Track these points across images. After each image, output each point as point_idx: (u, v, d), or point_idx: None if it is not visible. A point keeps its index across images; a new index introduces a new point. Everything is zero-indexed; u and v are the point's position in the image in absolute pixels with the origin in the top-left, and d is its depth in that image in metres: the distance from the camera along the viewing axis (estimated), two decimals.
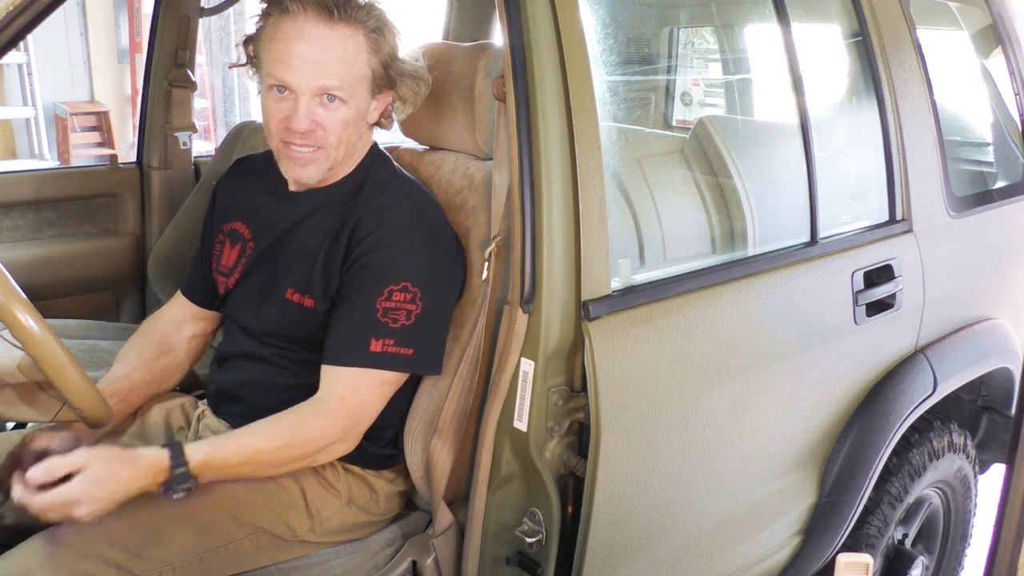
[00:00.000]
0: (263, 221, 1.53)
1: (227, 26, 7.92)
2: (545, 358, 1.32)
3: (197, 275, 1.63)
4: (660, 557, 1.57)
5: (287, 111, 1.35)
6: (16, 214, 2.42)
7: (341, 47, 1.34)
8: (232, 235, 1.57)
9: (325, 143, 1.38)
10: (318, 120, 1.36)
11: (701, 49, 2.93)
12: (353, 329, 1.38)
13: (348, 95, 1.37)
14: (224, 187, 1.62)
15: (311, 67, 1.33)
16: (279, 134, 1.38)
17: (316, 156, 1.39)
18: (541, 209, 1.28)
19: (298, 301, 1.45)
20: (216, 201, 1.62)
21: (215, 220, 1.61)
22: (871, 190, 1.95)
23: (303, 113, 1.34)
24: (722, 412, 1.56)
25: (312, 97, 1.35)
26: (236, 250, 1.55)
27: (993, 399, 2.33)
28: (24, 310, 1.32)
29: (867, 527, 1.99)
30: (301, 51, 1.33)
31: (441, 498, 1.44)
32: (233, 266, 1.55)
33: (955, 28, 2.39)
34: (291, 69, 1.33)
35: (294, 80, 1.33)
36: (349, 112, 1.38)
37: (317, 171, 1.41)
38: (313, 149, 1.38)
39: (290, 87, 1.34)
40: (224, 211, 1.59)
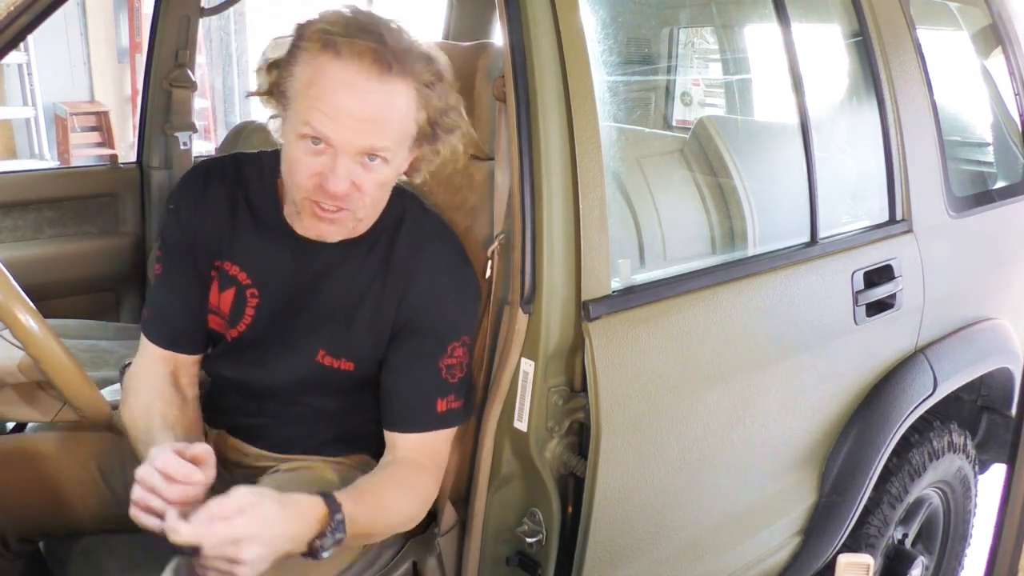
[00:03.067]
0: (269, 271, 1.34)
1: (227, 26, 7.93)
2: (545, 358, 1.32)
3: (183, 318, 1.36)
4: (660, 557, 1.57)
5: (321, 167, 1.17)
6: (16, 214, 2.42)
7: (392, 105, 1.17)
8: (223, 277, 1.35)
9: (357, 205, 1.22)
10: (356, 182, 1.19)
11: (701, 49, 2.94)
12: (420, 395, 1.30)
13: (392, 155, 1.20)
14: (190, 212, 1.34)
15: (360, 126, 1.15)
16: (307, 191, 1.19)
17: (344, 217, 1.22)
18: (541, 209, 1.28)
19: (335, 366, 1.33)
20: (182, 227, 1.34)
21: (197, 253, 1.34)
22: (871, 190, 1.95)
23: (342, 175, 1.17)
24: (722, 412, 1.56)
25: (353, 156, 1.17)
26: (230, 295, 1.35)
27: (993, 399, 2.34)
28: (24, 310, 1.32)
29: (867, 527, 1.99)
30: (350, 107, 1.14)
31: (447, 497, 1.44)
32: (232, 315, 1.36)
33: (955, 28, 2.39)
34: (336, 125, 1.14)
35: (338, 138, 1.15)
36: (389, 172, 1.22)
37: (342, 231, 1.26)
38: (338, 210, 1.21)
39: (331, 143, 1.15)
40: (204, 244, 1.34)
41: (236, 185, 1.35)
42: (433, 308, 1.29)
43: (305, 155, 1.17)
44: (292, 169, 1.20)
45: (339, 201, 1.19)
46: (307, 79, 1.16)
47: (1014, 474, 0.95)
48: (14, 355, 1.74)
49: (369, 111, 1.15)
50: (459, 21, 2.74)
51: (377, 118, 1.15)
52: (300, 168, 1.18)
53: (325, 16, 1.17)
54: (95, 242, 2.56)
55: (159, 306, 1.36)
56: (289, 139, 1.19)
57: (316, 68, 1.15)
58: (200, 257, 1.34)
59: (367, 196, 1.21)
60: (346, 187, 1.17)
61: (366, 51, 1.13)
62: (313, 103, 1.14)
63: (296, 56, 1.17)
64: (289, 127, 1.19)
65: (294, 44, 1.18)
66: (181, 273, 1.34)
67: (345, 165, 1.16)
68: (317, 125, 1.14)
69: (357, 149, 1.16)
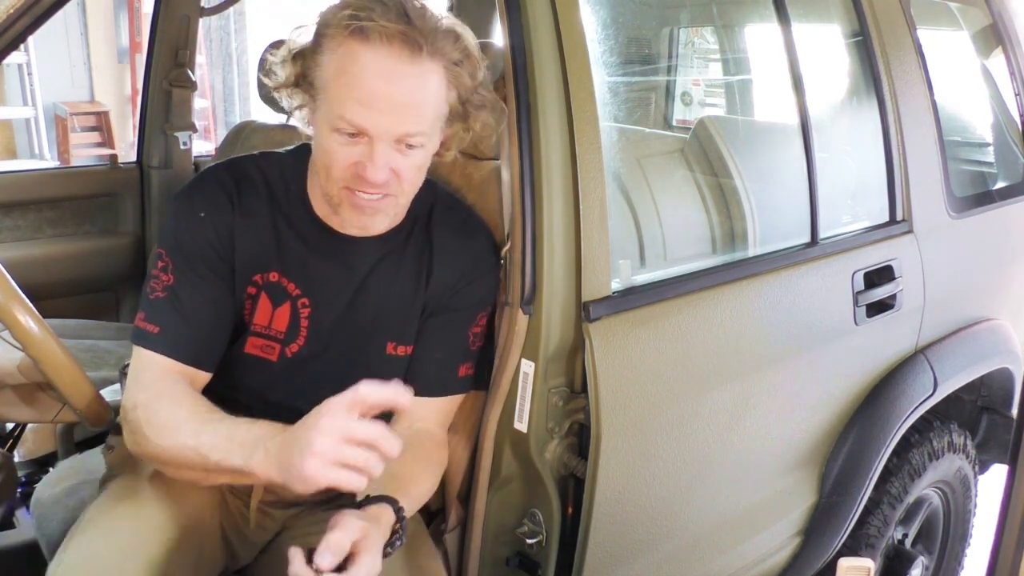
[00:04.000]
0: (319, 279, 1.29)
1: (227, 26, 7.92)
2: (545, 359, 1.31)
3: (210, 333, 1.25)
4: (660, 558, 1.57)
5: (358, 156, 1.15)
6: (16, 214, 2.42)
7: (425, 87, 1.14)
8: (271, 289, 1.28)
9: (397, 191, 1.20)
10: (394, 168, 1.16)
11: (701, 49, 2.93)
12: (448, 362, 1.33)
13: (427, 139, 1.18)
14: (225, 220, 1.25)
15: (396, 113, 1.12)
16: (344, 180, 1.17)
17: (386, 204, 1.21)
18: (541, 210, 1.28)
19: (401, 353, 1.33)
20: (216, 235, 1.24)
21: (235, 265, 1.26)
22: (871, 190, 1.95)
23: (381, 162, 1.14)
24: (722, 413, 1.56)
25: (390, 144, 1.14)
26: (286, 311, 1.29)
27: (993, 399, 2.33)
28: (24, 310, 1.32)
29: (867, 527, 1.99)
30: (386, 93, 1.11)
31: (455, 495, 1.44)
32: (288, 331, 1.29)
33: (955, 28, 2.39)
34: (372, 115, 1.12)
35: (375, 127, 1.12)
36: (425, 155, 1.21)
37: (386, 219, 1.25)
38: (382, 196, 1.19)
39: (367, 133, 1.13)
40: (246, 256, 1.26)
41: (266, 188, 1.29)
42: (470, 285, 1.32)
43: (341, 146, 1.15)
44: (328, 161, 1.17)
45: (380, 189, 1.17)
46: (336, 68, 1.13)
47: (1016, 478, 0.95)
48: (14, 356, 1.74)
49: (403, 97, 1.12)
50: None
51: (411, 103, 1.13)
52: (336, 159, 1.15)
53: (352, 1, 1.13)
54: (95, 242, 2.56)
55: (178, 320, 1.21)
56: (322, 130, 1.16)
57: (345, 56, 1.12)
58: (240, 270, 1.26)
59: (406, 182, 1.20)
60: (385, 175, 1.15)
61: (395, 34, 1.10)
62: (346, 93, 1.11)
63: (322, 44, 1.14)
64: (321, 118, 1.16)
65: (319, 32, 1.15)
66: (212, 286, 1.24)
67: (383, 153, 1.14)
68: (352, 117, 1.12)
69: (394, 136, 1.14)
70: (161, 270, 1.23)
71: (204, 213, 1.25)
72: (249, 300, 1.28)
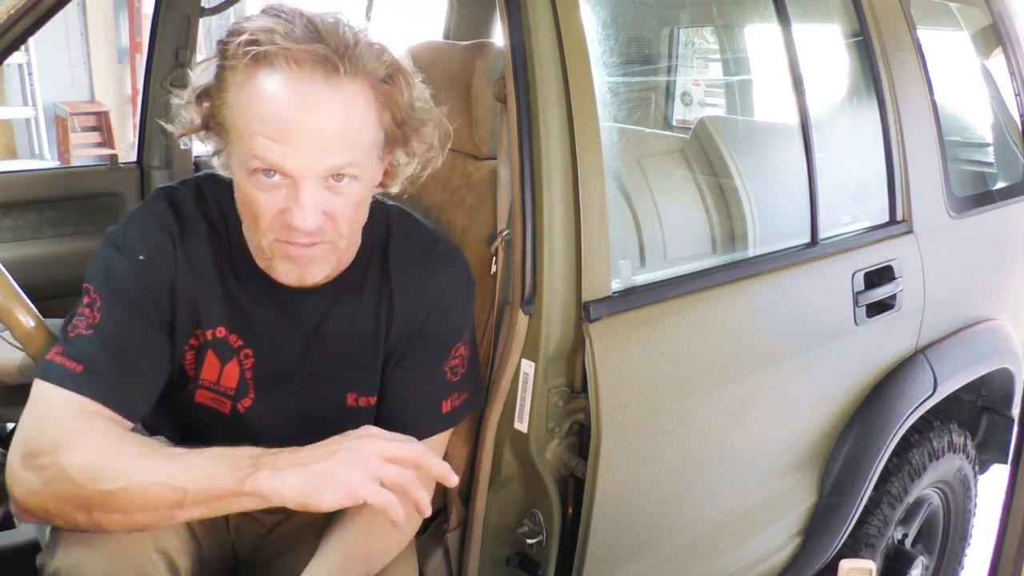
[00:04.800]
0: (264, 331, 1.17)
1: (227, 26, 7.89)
2: (546, 359, 1.31)
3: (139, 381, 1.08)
4: (660, 558, 1.57)
5: (283, 202, 1.00)
6: (16, 214, 2.42)
7: (349, 113, 1.00)
8: (218, 346, 1.16)
9: (334, 236, 1.05)
10: (327, 210, 1.02)
11: (701, 49, 2.93)
12: (426, 402, 1.22)
13: (361, 170, 1.03)
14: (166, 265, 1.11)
15: (317, 145, 0.98)
16: (273, 231, 1.03)
17: (321, 252, 1.06)
18: (542, 210, 1.28)
19: (363, 404, 1.23)
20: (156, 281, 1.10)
21: (176, 315, 1.13)
22: (871, 191, 1.95)
23: (309, 206, 0.99)
24: (722, 413, 1.56)
25: (318, 182, 1.00)
26: (235, 367, 1.17)
27: (993, 399, 2.33)
28: (24, 310, 1.32)
29: (867, 527, 1.99)
30: (301, 125, 0.97)
31: (458, 493, 1.44)
32: (238, 387, 1.19)
33: (955, 28, 2.39)
34: (289, 151, 0.97)
35: (295, 165, 0.98)
36: (362, 189, 1.05)
37: (324, 268, 1.09)
38: (315, 244, 1.05)
39: (288, 173, 0.99)
40: (187, 306, 1.13)
41: (208, 229, 1.14)
42: (436, 320, 1.21)
43: (261, 192, 1.00)
44: (252, 210, 1.03)
45: (312, 236, 1.03)
46: (242, 103, 0.99)
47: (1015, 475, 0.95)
48: (14, 356, 1.75)
49: (324, 126, 0.98)
50: (459, 21, 2.74)
51: (335, 132, 0.98)
52: (260, 207, 1.02)
53: (247, 24, 1.00)
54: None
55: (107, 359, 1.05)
56: (240, 175, 1.03)
57: (250, 88, 0.98)
58: (181, 323, 1.13)
59: (342, 223, 1.05)
60: (316, 220, 1.01)
61: (305, 56, 0.96)
62: (256, 129, 0.97)
63: (225, 79, 1.00)
64: (236, 163, 1.03)
65: (219, 65, 1.01)
66: (145, 334, 1.09)
67: (310, 194, 0.99)
68: (265, 154, 0.97)
69: (320, 173, 0.99)
70: (87, 306, 1.08)
71: (144, 256, 1.10)
72: (192, 352, 1.16)
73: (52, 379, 1.03)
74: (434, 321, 1.20)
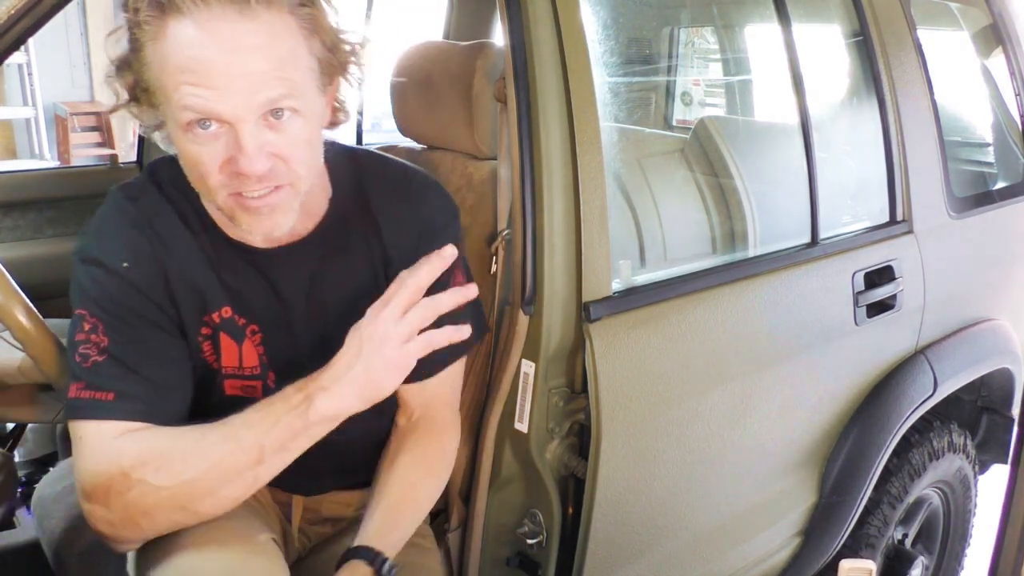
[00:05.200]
0: (258, 303, 1.13)
1: None
2: (546, 359, 1.31)
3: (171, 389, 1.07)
4: (660, 558, 1.57)
5: (224, 151, 0.95)
6: (16, 214, 2.42)
7: (272, 42, 0.94)
8: (228, 326, 1.13)
9: (290, 177, 1.00)
10: (274, 151, 0.97)
11: (701, 49, 2.93)
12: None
13: (301, 102, 0.97)
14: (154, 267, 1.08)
15: (245, 82, 0.92)
16: (224, 186, 0.98)
17: (281, 197, 1.01)
18: (542, 210, 1.28)
19: None
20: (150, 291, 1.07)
21: (182, 310, 1.10)
22: (872, 191, 1.95)
23: (252, 148, 0.94)
24: (722, 413, 1.56)
25: (256, 122, 0.95)
26: (249, 347, 1.15)
27: (993, 400, 2.33)
28: (24, 311, 1.32)
29: (867, 527, 1.99)
30: (224, 64, 0.91)
31: (457, 494, 1.44)
32: (261, 366, 1.16)
33: (955, 28, 2.39)
34: (218, 93, 0.92)
35: (226, 106, 0.93)
36: (307, 124, 1.00)
37: (289, 216, 1.03)
38: (272, 190, 0.99)
39: (221, 117, 0.93)
40: (187, 296, 1.10)
41: (177, 214, 1.10)
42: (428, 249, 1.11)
43: (201, 146, 0.96)
44: (197, 169, 0.98)
45: (265, 181, 0.97)
46: (161, 57, 0.94)
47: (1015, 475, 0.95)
48: (14, 356, 1.75)
49: (246, 60, 0.92)
50: (459, 21, 2.74)
51: (260, 65, 0.93)
52: (203, 162, 0.97)
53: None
54: None
55: (134, 379, 1.03)
56: (176, 136, 0.98)
57: (164, 40, 0.93)
58: (187, 315, 1.11)
59: (295, 162, 0.99)
60: (264, 163, 0.96)
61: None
62: (179, 79, 0.92)
63: (139, 40, 0.95)
64: (171, 124, 0.98)
65: (129, 28, 0.96)
66: (159, 342, 1.07)
67: (251, 135, 0.94)
68: (194, 102, 0.92)
69: (255, 111, 0.94)
70: (89, 332, 1.04)
71: (128, 262, 1.06)
72: (208, 342, 1.13)
73: (88, 415, 1.02)
74: (425, 250, 1.13)
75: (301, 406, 0.99)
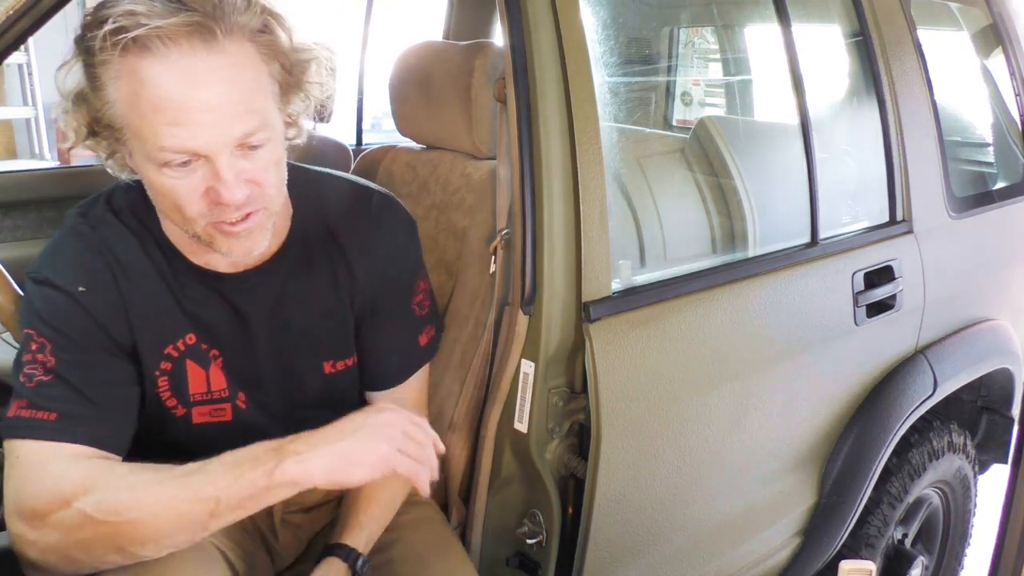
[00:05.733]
0: (219, 327, 1.13)
1: None
2: (545, 359, 1.31)
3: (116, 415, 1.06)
4: (660, 558, 1.57)
5: (202, 183, 0.96)
6: (16, 214, 2.42)
7: (240, 76, 0.95)
8: (193, 353, 1.13)
9: (264, 201, 1.01)
10: (250, 178, 0.98)
11: (701, 49, 2.93)
12: (405, 344, 1.26)
13: (270, 130, 0.99)
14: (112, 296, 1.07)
15: (219, 117, 0.93)
16: (203, 217, 0.98)
17: (259, 220, 1.02)
18: (542, 210, 1.28)
19: (341, 368, 1.22)
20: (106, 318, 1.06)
21: (139, 342, 1.09)
22: (871, 191, 1.94)
23: (232, 179, 0.95)
24: (722, 413, 1.56)
25: (231, 153, 0.95)
26: (216, 369, 1.15)
27: (993, 400, 2.34)
28: None
29: (867, 527, 1.99)
30: (197, 101, 0.91)
31: (458, 492, 1.44)
32: (228, 386, 1.16)
33: (955, 28, 2.39)
34: (194, 131, 0.92)
35: (204, 143, 0.93)
36: (275, 148, 1.01)
37: (265, 236, 1.05)
38: (249, 214, 1.00)
39: (199, 153, 0.94)
40: (147, 327, 1.09)
41: (136, 240, 1.09)
42: (397, 266, 1.22)
43: (178, 180, 0.96)
44: (173, 201, 0.98)
45: (244, 207, 0.99)
46: (128, 97, 0.93)
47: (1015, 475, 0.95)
48: None
49: (219, 95, 0.93)
50: (459, 21, 2.74)
51: (233, 99, 0.94)
52: (182, 196, 0.97)
53: (104, 12, 0.93)
54: None
55: (78, 400, 1.01)
56: (149, 171, 0.97)
57: (130, 79, 0.92)
58: (145, 347, 1.09)
59: (268, 186, 1.01)
60: (243, 190, 0.97)
61: (177, 31, 0.90)
62: (153, 119, 0.92)
63: (98, 76, 0.94)
64: (141, 159, 0.97)
65: (87, 64, 0.95)
66: (107, 369, 1.05)
67: (228, 166, 0.95)
68: (171, 143, 0.93)
69: (230, 144, 0.95)
70: (36, 351, 1.02)
71: (84, 287, 1.05)
72: (164, 378, 1.12)
73: (28, 434, 0.99)
74: (395, 268, 1.22)
75: (269, 464, 0.95)
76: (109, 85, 0.94)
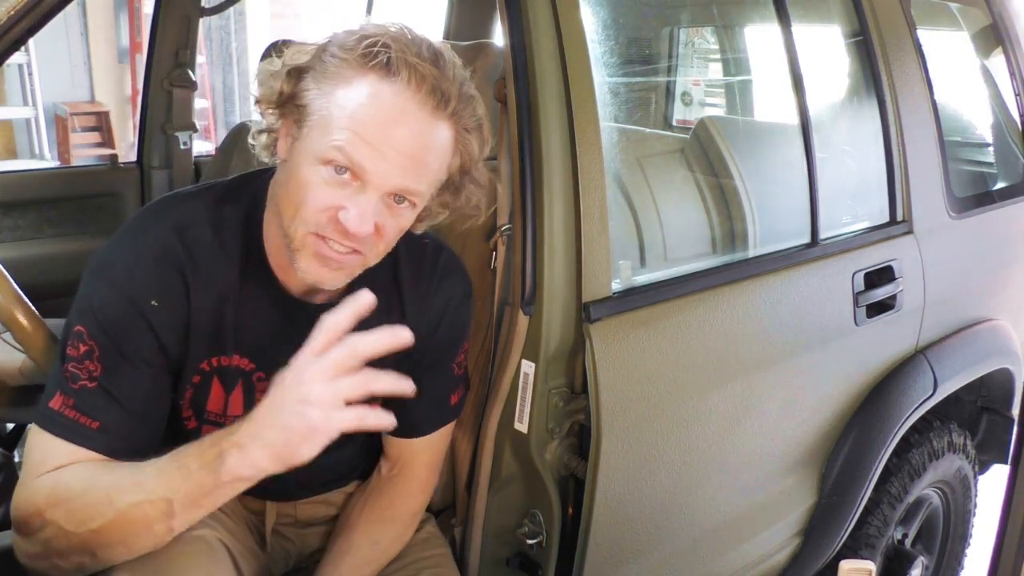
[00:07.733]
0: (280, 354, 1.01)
1: (227, 26, 7.92)
2: (546, 360, 1.31)
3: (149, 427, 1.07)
4: (660, 558, 1.57)
5: (341, 200, 0.99)
6: (16, 214, 2.42)
7: (437, 145, 1.02)
8: (224, 373, 1.13)
9: (371, 249, 1.05)
10: (379, 223, 1.02)
11: (701, 49, 2.94)
12: (438, 399, 1.26)
13: (421, 200, 1.05)
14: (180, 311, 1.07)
15: (402, 162, 0.99)
16: (317, 224, 1.00)
17: (353, 261, 1.04)
18: (542, 210, 1.28)
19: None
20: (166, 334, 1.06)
21: (189, 352, 1.10)
22: (872, 191, 1.95)
23: (368, 213, 0.99)
24: (722, 414, 1.56)
25: (383, 195, 1.00)
26: (239, 395, 1.15)
27: (993, 400, 2.34)
28: (24, 311, 1.32)
29: (867, 527, 1.99)
30: (397, 139, 0.98)
31: (464, 487, 1.44)
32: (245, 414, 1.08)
33: (955, 28, 2.39)
34: (377, 157, 0.97)
35: (375, 171, 0.98)
36: (411, 217, 1.07)
37: (347, 278, 1.07)
38: (351, 251, 1.03)
39: (365, 176, 0.98)
40: (199, 340, 1.10)
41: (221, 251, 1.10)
42: (448, 325, 1.24)
43: (324, 183, 0.99)
44: (302, 196, 1.00)
45: (354, 243, 1.01)
46: (346, 98, 0.98)
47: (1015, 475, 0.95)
48: (15, 357, 1.75)
49: (415, 148, 0.99)
50: (459, 21, 2.74)
51: (421, 156, 1.00)
52: (314, 195, 0.99)
53: (371, 28, 1.00)
54: (95, 242, 2.55)
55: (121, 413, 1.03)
56: (305, 160, 1.00)
57: (361, 87, 0.98)
58: (191, 357, 1.10)
59: (383, 242, 1.05)
60: (369, 228, 1.00)
61: (427, 78, 0.98)
62: (353, 126, 0.97)
63: (328, 69, 0.99)
64: (307, 146, 1.00)
65: (330, 53, 1.00)
66: (150, 377, 1.06)
67: (372, 203, 0.99)
68: (353, 153, 0.97)
69: (391, 187, 1.00)
70: (85, 355, 1.02)
71: (156, 302, 1.04)
72: (191, 388, 1.13)
73: (68, 436, 1.01)
74: (446, 327, 1.24)
75: (214, 463, 0.93)
76: (333, 80, 0.99)
